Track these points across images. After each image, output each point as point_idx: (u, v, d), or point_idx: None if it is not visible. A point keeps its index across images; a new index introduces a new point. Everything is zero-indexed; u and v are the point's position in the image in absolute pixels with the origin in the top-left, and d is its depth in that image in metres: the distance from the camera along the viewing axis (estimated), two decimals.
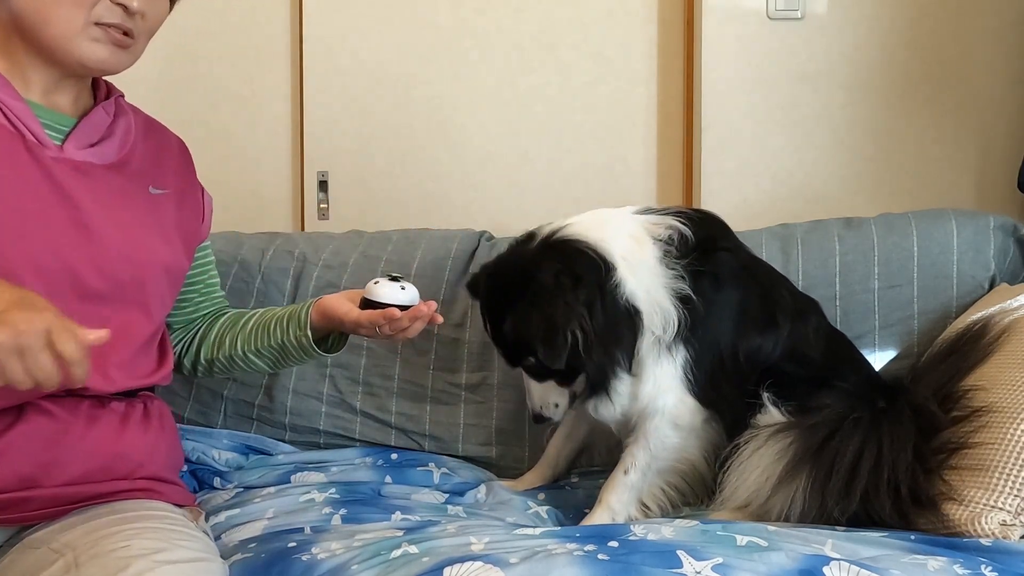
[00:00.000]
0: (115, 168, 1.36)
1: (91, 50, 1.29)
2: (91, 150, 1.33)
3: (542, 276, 1.46)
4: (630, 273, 1.48)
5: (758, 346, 1.54)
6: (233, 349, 1.55)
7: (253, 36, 2.39)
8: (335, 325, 1.51)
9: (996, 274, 1.83)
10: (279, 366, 1.59)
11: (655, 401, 1.52)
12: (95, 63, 1.30)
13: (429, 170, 2.38)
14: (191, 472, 1.73)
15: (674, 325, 1.49)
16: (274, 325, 1.54)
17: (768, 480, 1.43)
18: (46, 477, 1.22)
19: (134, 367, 1.34)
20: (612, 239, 1.50)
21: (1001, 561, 1.17)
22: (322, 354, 1.55)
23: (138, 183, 1.38)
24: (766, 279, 1.62)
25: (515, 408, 1.86)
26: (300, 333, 1.52)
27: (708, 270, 1.52)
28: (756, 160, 2.28)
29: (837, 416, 1.43)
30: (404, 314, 1.42)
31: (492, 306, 1.56)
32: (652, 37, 2.36)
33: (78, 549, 1.12)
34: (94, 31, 1.28)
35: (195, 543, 1.17)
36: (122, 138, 1.39)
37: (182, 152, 1.52)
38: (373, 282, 1.45)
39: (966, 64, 2.27)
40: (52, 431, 1.23)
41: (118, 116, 1.40)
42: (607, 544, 1.19)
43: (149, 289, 1.35)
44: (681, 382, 1.52)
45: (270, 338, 1.54)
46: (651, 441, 1.53)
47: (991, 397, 1.42)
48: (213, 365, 1.58)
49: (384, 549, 1.21)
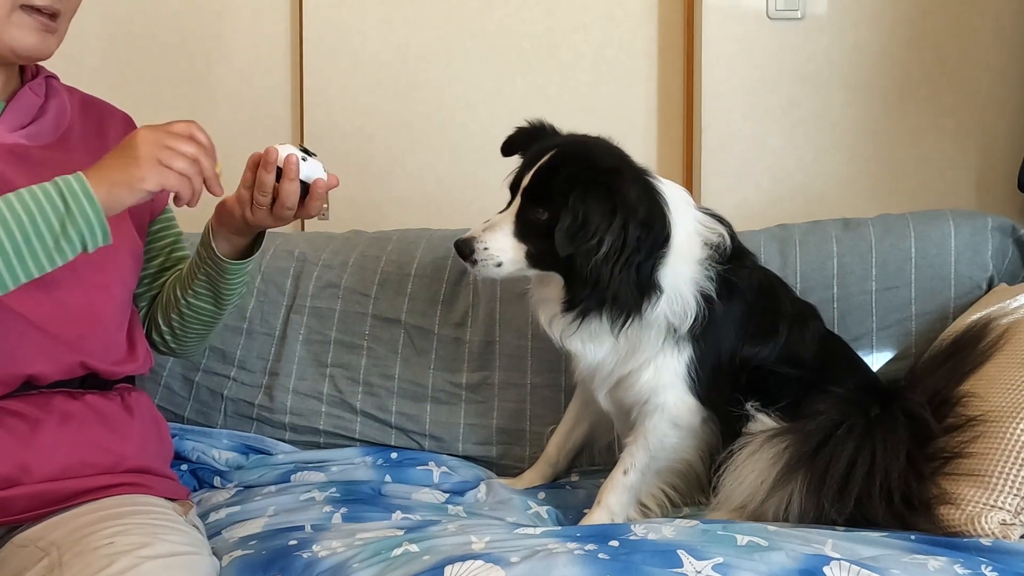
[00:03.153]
0: (53, 148, 1.34)
1: (20, 36, 1.27)
2: (23, 132, 1.31)
3: (628, 186, 1.43)
4: (674, 258, 1.47)
5: (756, 352, 1.55)
6: (178, 301, 1.52)
7: (253, 36, 2.39)
8: (231, 221, 1.43)
9: (994, 275, 1.83)
10: (220, 301, 1.52)
11: (655, 397, 1.52)
12: (25, 50, 1.29)
13: (429, 170, 2.38)
14: (191, 471, 1.73)
15: (690, 320, 1.48)
16: (194, 258, 1.50)
17: (763, 483, 1.43)
18: (25, 475, 1.21)
19: (106, 351, 1.33)
20: (681, 223, 1.49)
21: (1001, 561, 1.17)
22: (233, 263, 1.47)
23: (79, 161, 1.33)
24: (772, 291, 1.62)
25: (515, 408, 1.86)
26: (203, 248, 1.47)
27: (734, 280, 1.53)
28: (756, 160, 2.28)
29: (831, 423, 1.43)
30: (289, 181, 1.35)
31: (561, 162, 1.48)
32: (652, 37, 2.36)
33: (63, 547, 1.12)
34: (21, 16, 1.26)
35: (181, 536, 1.17)
36: (56, 117, 1.37)
37: (128, 126, 1.48)
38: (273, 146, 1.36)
39: (966, 64, 2.27)
40: (24, 430, 1.23)
41: (50, 97, 1.37)
42: (608, 543, 1.19)
43: (107, 269, 1.34)
44: (683, 380, 1.52)
45: (195, 271, 1.49)
46: (650, 440, 1.53)
47: (990, 398, 1.42)
48: (173, 327, 1.54)
49: (385, 548, 1.21)
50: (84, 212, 1.12)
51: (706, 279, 1.50)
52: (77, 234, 1.13)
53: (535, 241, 1.47)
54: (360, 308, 1.92)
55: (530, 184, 1.48)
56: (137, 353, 1.40)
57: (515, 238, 1.48)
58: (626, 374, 1.55)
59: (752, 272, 1.58)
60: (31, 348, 1.26)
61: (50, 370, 1.26)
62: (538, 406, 1.86)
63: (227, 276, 1.49)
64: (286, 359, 1.90)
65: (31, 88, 1.35)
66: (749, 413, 1.50)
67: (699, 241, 1.52)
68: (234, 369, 1.90)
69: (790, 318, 1.59)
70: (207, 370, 1.90)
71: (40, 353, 1.26)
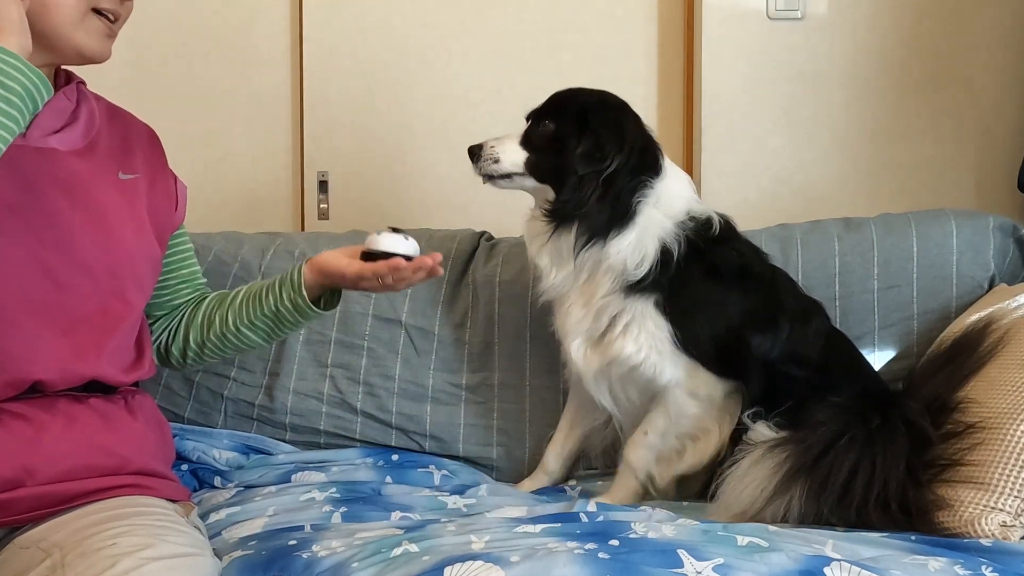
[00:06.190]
0: (80, 154, 1.34)
1: (89, 40, 1.28)
2: (55, 137, 1.31)
3: (633, 119, 1.64)
4: (653, 202, 1.59)
5: (756, 342, 1.58)
6: (225, 326, 1.54)
7: (253, 36, 2.39)
8: (333, 281, 1.50)
9: (995, 274, 1.83)
10: (273, 336, 1.57)
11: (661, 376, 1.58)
12: (91, 52, 1.30)
13: (429, 170, 2.38)
14: (192, 471, 1.73)
15: (645, 268, 1.56)
16: (265, 293, 1.53)
17: (764, 491, 1.44)
18: (28, 478, 1.21)
19: (115, 357, 1.33)
20: (672, 179, 1.64)
21: (1001, 561, 1.17)
22: (319, 313, 1.54)
23: (106, 168, 1.36)
24: (770, 284, 1.65)
25: (515, 409, 1.86)
26: (295, 295, 1.50)
27: (711, 257, 1.60)
28: (756, 160, 2.28)
29: (833, 434, 1.44)
30: (408, 265, 1.42)
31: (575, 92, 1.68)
32: (652, 37, 2.36)
33: (65, 548, 1.11)
34: (92, 20, 1.28)
35: (184, 538, 1.17)
36: (87, 123, 1.37)
37: (151, 139, 1.50)
38: (375, 233, 1.45)
39: (966, 64, 2.27)
40: (28, 433, 1.22)
41: (80, 102, 1.38)
42: (608, 542, 1.19)
43: (124, 277, 1.34)
44: (675, 347, 1.57)
45: (262, 306, 1.52)
46: (671, 409, 1.61)
47: (991, 400, 1.42)
48: (204, 348, 1.56)
49: (384, 547, 1.21)
50: (7, 63, 1.10)
51: (672, 237, 1.58)
52: (20, 88, 1.11)
53: (538, 151, 1.63)
54: (360, 308, 1.92)
55: (544, 104, 1.67)
56: (144, 361, 1.40)
57: (520, 146, 1.65)
58: (600, 334, 1.61)
59: (737, 255, 1.63)
60: (41, 352, 1.25)
61: (57, 377, 1.26)
62: (537, 407, 1.86)
63: (304, 320, 1.55)
64: (286, 359, 1.90)
65: (64, 93, 1.35)
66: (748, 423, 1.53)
67: (683, 205, 1.62)
68: (234, 369, 1.90)
69: (792, 314, 1.60)
70: (207, 370, 1.89)
71: (50, 358, 1.26)
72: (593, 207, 1.57)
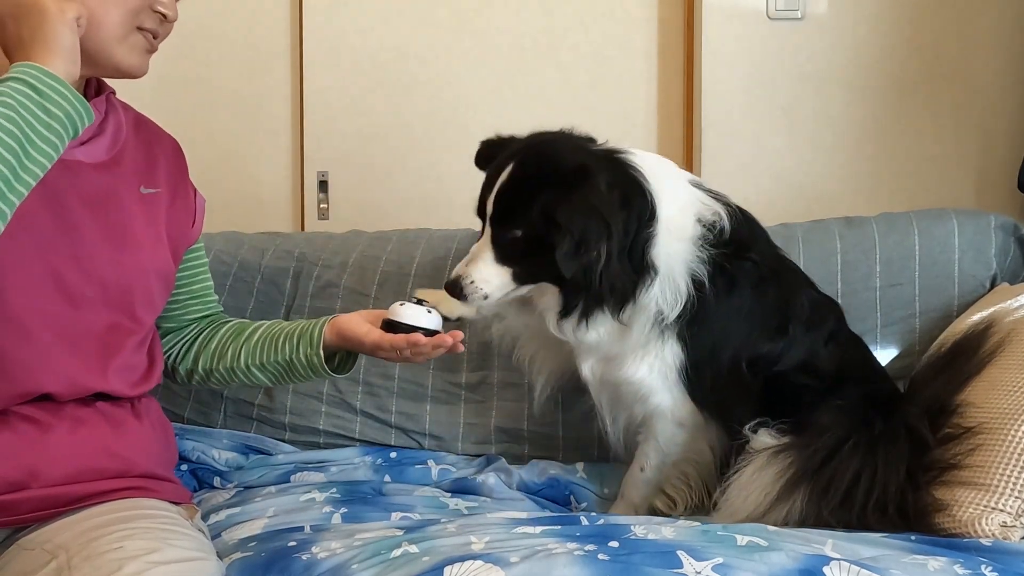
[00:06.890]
0: (104, 167, 1.33)
1: (130, 56, 1.28)
2: (81, 148, 1.30)
3: (598, 180, 1.38)
4: (665, 235, 1.44)
5: (765, 352, 1.54)
6: (236, 362, 1.52)
7: (253, 36, 2.39)
8: (351, 345, 1.48)
9: (997, 273, 1.83)
10: (281, 382, 1.55)
11: (652, 397, 1.53)
12: (128, 68, 1.30)
13: (429, 170, 2.38)
14: (191, 472, 1.73)
15: (680, 306, 1.46)
16: (283, 340, 1.51)
17: (767, 496, 1.43)
18: (34, 480, 1.21)
19: (124, 371, 1.33)
20: (666, 194, 1.45)
21: (1001, 561, 1.17)
22: (331, 374, 1.51)
23: (128, 182, 1.36)
24: (786, 287, 1.59)
25: (515, 407, 1.86)
26: (311, 352, 1.48)
27: (731, 271, 1.50)
28: (756, 160, 2.28)
29: (837, 439, 1.43)
30: (428, 341, 1.39)
31: (521, 177, 1.43)
32: (652, 37, 2.36)
33: (71, 550, 1.11)
34: (136, 37, 1.28)
35: (189, 542, 1.17)
36: (113, 136, 1.36)
37: (175, 152, 1.49)
38: (398, 304, 1.42)
39: (966, 64, 2.27)
40: (35, 436, 1.22)
41: (109, 113, 1.37)
42: (607, 544, 1.19)
43: (136, 292, 1.34)
44: (678, 376, 1.52)
45: (277, 353, 1.50)
46: (660, 441, 1.57)
47: (991, 401, 1.42)
48: (211, 376, 1.55)
49: (384, 548, 1.21)
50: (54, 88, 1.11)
51: (699, 263, 1.46)
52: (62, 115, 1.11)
53: (517, 261, 1.44)
54: (360, 308, 1.91)
55: (495, 210, 1.45)
56: (154, 373, 1.40)
57: (497, 264, 1.45)
58: (614, 356, 1.54)
59: (756, 267, 1.54)
60: (51, 365, 1.25)
61: (65, 390, 1.26)
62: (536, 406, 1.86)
63: (315, 377, 1.53)
64: None
65: (95, 105, 1.32)
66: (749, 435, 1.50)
67: (692, 216, 1.48)
68: None
69: (804, 320, 1.57)
70: None
71: (59, 372, 1.25)
72: (607, 283, 1.41)
